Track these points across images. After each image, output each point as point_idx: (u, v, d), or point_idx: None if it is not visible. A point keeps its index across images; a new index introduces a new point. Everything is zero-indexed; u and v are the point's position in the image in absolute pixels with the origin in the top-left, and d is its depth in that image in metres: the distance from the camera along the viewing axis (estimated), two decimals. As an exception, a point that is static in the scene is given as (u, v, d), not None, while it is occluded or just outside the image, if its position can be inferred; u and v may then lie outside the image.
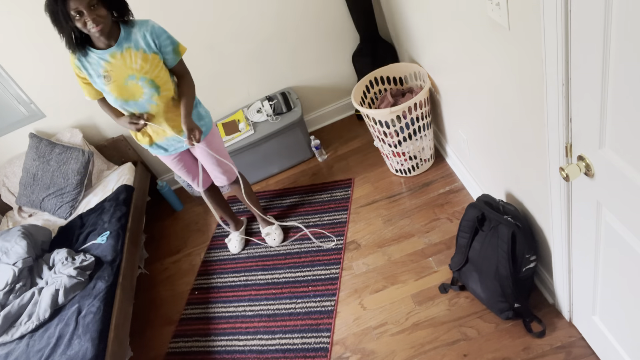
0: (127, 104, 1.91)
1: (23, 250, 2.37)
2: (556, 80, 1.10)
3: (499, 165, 1.84)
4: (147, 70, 1.85)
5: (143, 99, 1.90)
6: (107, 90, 1.87)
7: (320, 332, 2.08)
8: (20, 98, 2.85)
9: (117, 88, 1.85)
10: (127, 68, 1.82)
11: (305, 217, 2.68)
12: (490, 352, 1.75)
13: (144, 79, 1.85)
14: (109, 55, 1.81)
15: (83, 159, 2.87)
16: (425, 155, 2.59)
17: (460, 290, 1.98)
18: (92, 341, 1.90)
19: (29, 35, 2.62)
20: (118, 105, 1.93)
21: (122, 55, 1.81)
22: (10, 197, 3.01)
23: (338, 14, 2.91)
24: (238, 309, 2.34)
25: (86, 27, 1.68)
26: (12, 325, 2.12)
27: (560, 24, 1.00)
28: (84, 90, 1.95)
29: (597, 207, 1.18)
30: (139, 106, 1.93)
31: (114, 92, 1.87)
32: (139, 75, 1.84)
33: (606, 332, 1.45)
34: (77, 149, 2.89)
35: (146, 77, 1.85)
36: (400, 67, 2.61)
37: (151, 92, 1.89)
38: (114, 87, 1.85)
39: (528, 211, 1.72)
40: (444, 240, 2.23)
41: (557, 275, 1.64)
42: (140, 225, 2.78)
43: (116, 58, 1.81)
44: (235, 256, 2.65)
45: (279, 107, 2.97)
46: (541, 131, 1.32)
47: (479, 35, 1.50)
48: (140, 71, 1.84)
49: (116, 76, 1.83)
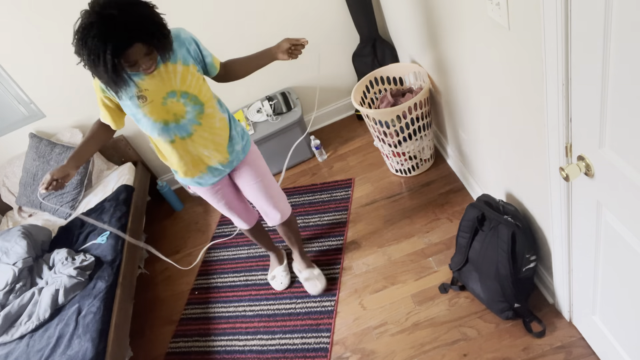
0: (168, 127, 1.61)
1: (23, 250, 2.37)
2: (556, 80, 1.10)
3: (499, 165, 1.84)
4: (189, 84, 1.58)
5: (185, 120, 1.61)
6: (143, 113, 1.56)
7: (320, 332, 2.08)
8: (20, 98, 2.85)
9: (155, 109, 1.56)
10: (165, 85, 1.54)
11: (305, 217, 2.68)
12: (490, 352, 1.75)
13: (185, 95, 1.58)
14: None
15: (83, 159, 2.87)
16: (425, 155, 2.59)
17: (460, 290, 1.98)
18: (92, 341, 1.90)
19: (29, 35, 2.62)
20: (156, 132, 1.62)
21: (159, 70, 1.52)
22: (10, 197, 3.01)
23: (338, 14, 2.91)
24: (238, 309, 2.34)
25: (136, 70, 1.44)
26: (12, 325, 2.12)
27: (560, 24, 1.00)
28: (104, 113, 1.63)
29: (597, 207, 1.18)
30: (181, 129, 1.62)
31: (152, 115, 1.56)
32: (180, 92, 1.57)
33: (606, 332, 1.45)
34: (77, 149, 2.88)
35: (188, 92, 1.58)
36: (400, 67, 2.61)
37: (195, 110, 1.61)
38: (151, 108, 1.55)
39: (528, 211, 1.72)
40: (444, 240, 2.23)
41: (557, 275, 1.64)
42: (140, 225, 2.78)
43: (152, 75, 1.52)
44: (236, 256, 2.65)
45: (279, 107, 2.97)
46: (541, 131, 1.32)
47: (479, 35, 1.50)
48: (181, 86, 1.57)
49: (153, 95, 1.54)
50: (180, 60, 1.56)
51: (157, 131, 1.62)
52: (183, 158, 1.71)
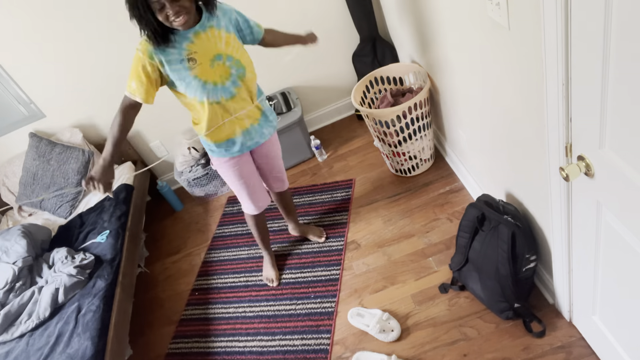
0: (216, 88, 1.72)
1: (23, 249, 2.37)
2: (556, 80, 1.10)
3: (499, 165, 1.85)
4: (233, 48, 1.72)
5: (229, 81, 1.74)
6: (192, 75, 1.66)
7: (321, 334, 2.07)
8: (20, 98, 2.85)
9: (204, 71, 1.67)
10: (213, 48, 1.67)
11: (305, 218, 2.68)
12: (490, 352, 1.75)
13: (230, 58, 1.71)
14: (192, 34, 1.64)
15: (83, 158, 2.88)
16: (425, 155, 2.59)
17: (460, 290, 1.98)
18: (92, 339, 1.90)
19: (29, 35, 2.62)
20: (205, 94, 1.71)
21: (206, 34, 1.66)
22: (10, 197, 3.01)
23: (338, 14, 2.92)
24: (238, 310, 2.34)
25: (168, 20, 1.53)
26: (12, 324, 2.12)
27: (560, 24, 1.00)
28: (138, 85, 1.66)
29: (597, 207, 1.18)
30: (226, 91, 1.75)
31: (202, 76, 1.67)
32: (226, 55, 1.70)
33: (606, 332, 1.45)
34: (77, 148, 2.89)
35: (233, 56, 1.72)
36: (400, 67, 2.61)
37: (238, 73, 1.75)
38: (200, 70, 1.66)
39: (528, 211, 1.72)
40: (444, 240, 2.23)
41: (557, 275, 1.64)
42: (140, 224, 2.78)
43: (200, 38, 1.65)
44: (236, 257, 2.65)
45: (279, 107, 2.97)
46: (541, 131, 1.32)
47: (479, 35, 1.50)
48: (226, 50, 1.70)
49: (202, 58, 1.66)
50: (223, 28, 1.71)
51: (207, 92, 1.72)
52: (222, 118, 1.81)
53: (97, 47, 2.73)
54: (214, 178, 3.08)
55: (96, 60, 2.78)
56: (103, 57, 2.77)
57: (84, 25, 2.64)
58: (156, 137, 3.21)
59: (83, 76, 2.82)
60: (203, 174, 3.02)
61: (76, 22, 2.61)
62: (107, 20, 2.64)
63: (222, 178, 2.24)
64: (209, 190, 3.13)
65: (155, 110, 3.07)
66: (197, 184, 3.07)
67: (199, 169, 3.01)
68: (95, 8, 2.59)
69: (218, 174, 3.07)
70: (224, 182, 3.15)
